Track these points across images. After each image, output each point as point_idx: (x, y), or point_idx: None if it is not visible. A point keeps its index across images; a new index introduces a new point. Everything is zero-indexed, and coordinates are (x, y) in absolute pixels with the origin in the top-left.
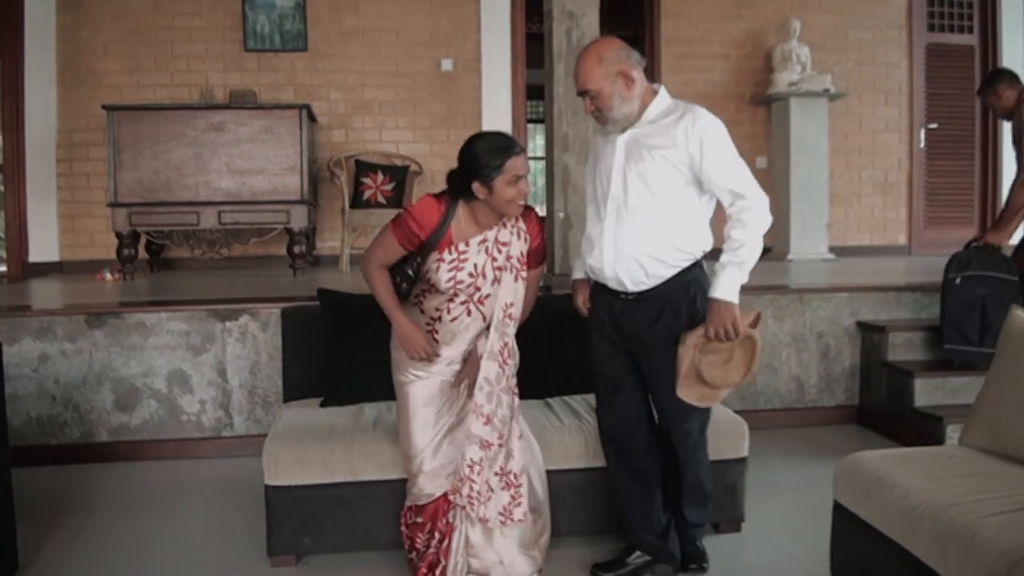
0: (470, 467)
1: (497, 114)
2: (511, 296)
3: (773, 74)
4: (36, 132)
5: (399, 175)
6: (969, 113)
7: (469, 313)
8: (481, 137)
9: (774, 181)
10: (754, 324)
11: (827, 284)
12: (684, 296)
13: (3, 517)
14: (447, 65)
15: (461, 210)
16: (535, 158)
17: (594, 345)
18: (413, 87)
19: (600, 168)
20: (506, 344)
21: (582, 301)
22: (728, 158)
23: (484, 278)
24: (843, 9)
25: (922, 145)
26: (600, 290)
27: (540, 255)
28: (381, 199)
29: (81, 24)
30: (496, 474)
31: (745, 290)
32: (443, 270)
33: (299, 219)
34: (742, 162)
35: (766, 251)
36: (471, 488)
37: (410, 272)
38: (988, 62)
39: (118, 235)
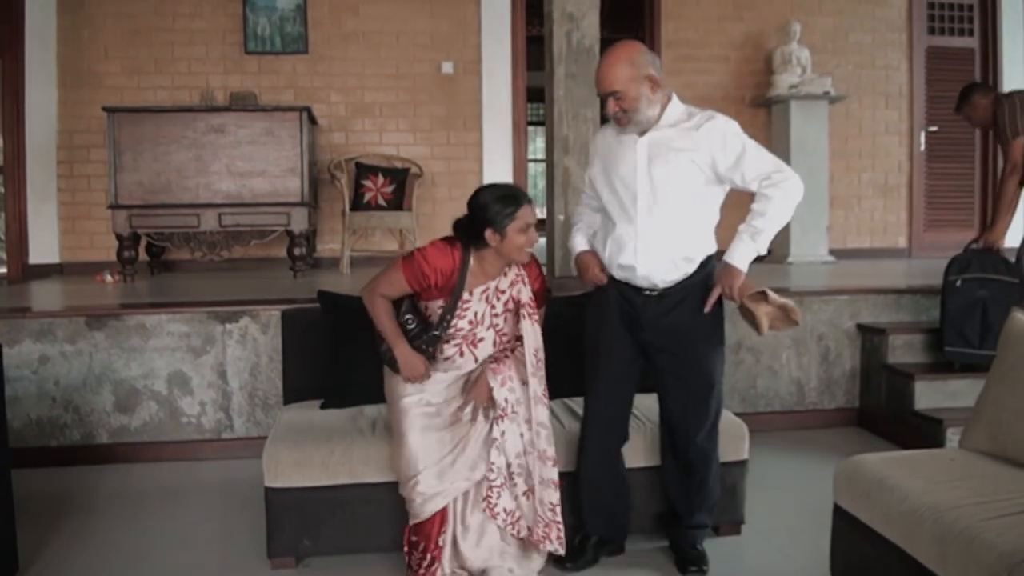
0: (551, 509)
1: (497, 116)
2: (538, 341)
3: (773, 76)
4: (36, 133)
5: (399, 177)
6: None
7: (461, 354)
8: (490, 188)
9: None
10: (755, 299)
11: (827, 287)
12: (702, 288)
13: (3, 518)
14: (447, 68)
15: (471, 259)
16: (535, 160)
17: (602, 316)
18: (413, 89)
19: (620, 170)
20: (545, 386)
21: (597, 269)
22: (754, 151)
23: (481, 325)
24: (843, 12)
25: (922, 148)
26: (621, 287)
27: (543, 296)
28: (381, 201)
29: (82, 26)
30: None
31: None
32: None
33: (299, 221)
34: (763, 148)
35: (767, 254)
36: (559, 531)
37: (438, 334)
38: (988, 65)
39: (118, 237)
